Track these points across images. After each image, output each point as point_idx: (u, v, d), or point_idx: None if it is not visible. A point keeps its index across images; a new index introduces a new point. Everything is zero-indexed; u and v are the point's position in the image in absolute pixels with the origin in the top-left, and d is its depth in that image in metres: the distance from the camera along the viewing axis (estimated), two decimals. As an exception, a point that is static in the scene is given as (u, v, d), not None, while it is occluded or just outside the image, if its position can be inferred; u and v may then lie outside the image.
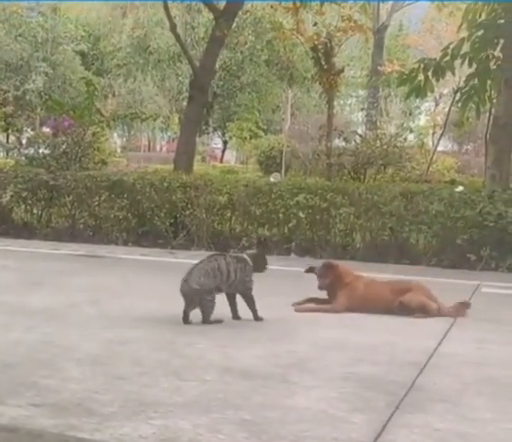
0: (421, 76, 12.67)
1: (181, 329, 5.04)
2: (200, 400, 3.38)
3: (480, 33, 12.36)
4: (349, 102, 53.31)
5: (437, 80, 12.66)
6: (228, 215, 11.55)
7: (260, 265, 5.50)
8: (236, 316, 5.45)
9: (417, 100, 33.28)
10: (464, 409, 3.44)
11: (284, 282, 7.83)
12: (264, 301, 5.54)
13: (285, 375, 3.91)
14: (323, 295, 6.06)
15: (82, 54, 44.44)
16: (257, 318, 5.41)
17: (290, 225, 11.00)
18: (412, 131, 38.33)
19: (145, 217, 11.71)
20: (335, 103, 17.76)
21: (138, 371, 3.83)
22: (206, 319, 5.21)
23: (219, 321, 5.25)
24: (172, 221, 11.62)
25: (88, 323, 5.15)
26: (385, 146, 14.69)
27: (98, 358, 4.11)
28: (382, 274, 8.87)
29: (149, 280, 7.83)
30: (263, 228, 11.33)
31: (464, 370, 4.23)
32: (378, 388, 3.71)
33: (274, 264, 6.66)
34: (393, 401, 3.49)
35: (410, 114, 46.47)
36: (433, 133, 36.92)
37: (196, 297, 5.18)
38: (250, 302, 5.42)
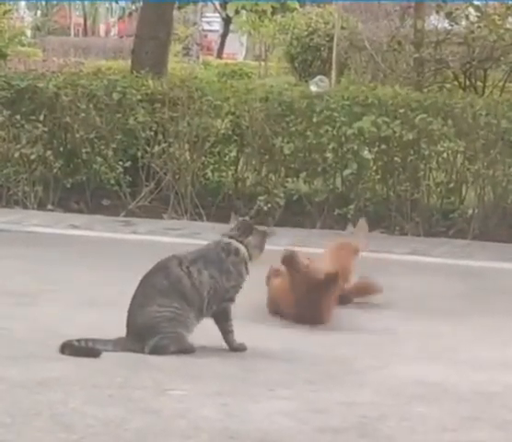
0: None
1: (140, 363, 3.61)
2: None
3: None
4: None
5: None
6: (233, 154, 8.42)
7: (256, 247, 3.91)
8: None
9: None
10: None
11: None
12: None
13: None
14: None
15: None
16: (235, 347, 3.92)
17: (346, 173, 7.90)
18: None
19: (79, 158, 8.41)
20: None
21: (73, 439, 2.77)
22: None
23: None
24: (128, 165, 8.27)
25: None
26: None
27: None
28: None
29: (83, 273, 5.97)
30: (298, 179, 8.11)
31: None
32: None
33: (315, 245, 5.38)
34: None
35: None
36: None
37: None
38: (225, 319, 3.88)
